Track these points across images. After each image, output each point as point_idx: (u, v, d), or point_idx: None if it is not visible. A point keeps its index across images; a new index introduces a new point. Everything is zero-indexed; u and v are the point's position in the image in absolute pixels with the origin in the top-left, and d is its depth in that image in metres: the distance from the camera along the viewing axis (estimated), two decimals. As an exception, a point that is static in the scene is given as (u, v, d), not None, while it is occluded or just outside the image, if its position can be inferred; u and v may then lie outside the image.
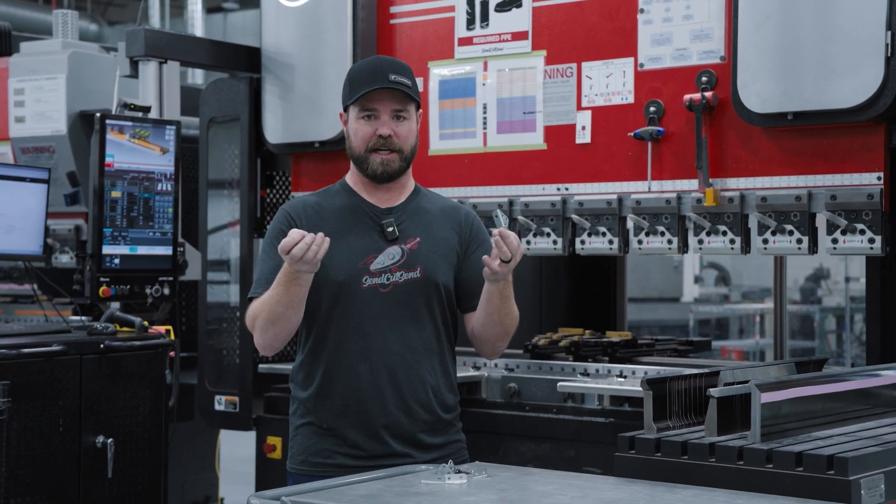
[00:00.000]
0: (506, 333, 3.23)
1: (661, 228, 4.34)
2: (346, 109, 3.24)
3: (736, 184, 4.17)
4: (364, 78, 3.16)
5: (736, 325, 16.55)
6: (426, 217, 3.28)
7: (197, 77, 16.75)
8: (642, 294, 15.02)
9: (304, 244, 2.88)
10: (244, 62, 5.23)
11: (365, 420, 3.13)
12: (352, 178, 3.32)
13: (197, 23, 17.39)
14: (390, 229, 3.19)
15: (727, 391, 2.89)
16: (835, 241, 3.96)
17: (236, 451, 7.20)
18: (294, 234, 2.89)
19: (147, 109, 4.81)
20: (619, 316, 5.95)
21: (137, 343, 4.29)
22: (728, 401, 2.87)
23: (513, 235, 2.98)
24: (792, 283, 18.78)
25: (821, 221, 4.07)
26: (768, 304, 15.07)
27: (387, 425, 3.14)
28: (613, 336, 4.93)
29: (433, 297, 3.21)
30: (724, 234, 4.21)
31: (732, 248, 4.20)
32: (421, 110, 3.31)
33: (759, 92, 4.00)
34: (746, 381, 3.03)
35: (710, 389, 2.86)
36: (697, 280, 17.39)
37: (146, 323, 4.47)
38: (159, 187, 4.85)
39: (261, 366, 5.18)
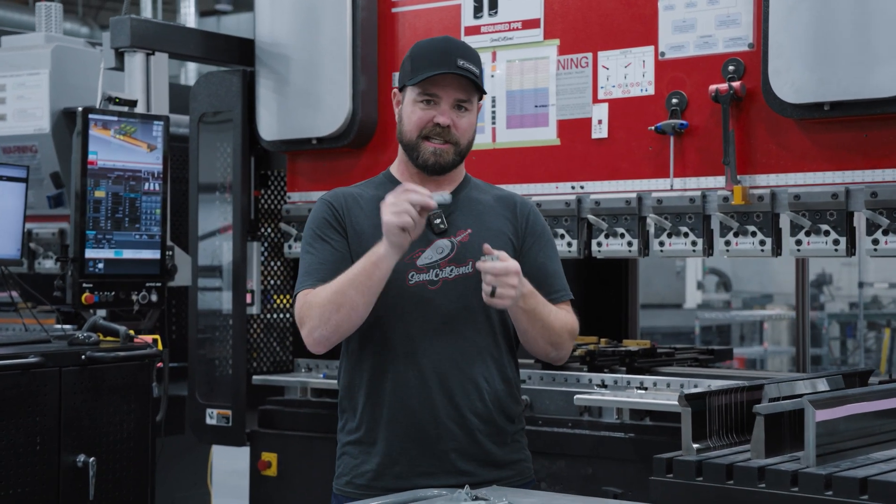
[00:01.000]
0: (553, 346, 2.95)
1: (684, 229, 4.06)
2: (401, 89, 2.94)
3: (766, 180, 3.90)
4: (430, 59, 2.87)
5: (746, 332, 16.27)
6: (478, 207, 3.00)
7: (190, 76, 16.48)
8: (644, 300, 14.74)
9: (420, 196, 2.69)
10: (237, 54, 4.96)
11: (415, 433, 2.84)
12: (398, 168, 3.03)
13: (190, 26, 17.12)
14: (438, 220, 2.90)
15: (775, 407, 2.60)
16: (875, 241, 3.67)
17: (230, 463, 6.90)
18: (417, 186, 2.72)
19: (133, 104, 4.53)
20: (631, 323, 5.67)
21: (122, 354, 3.98)
22: (776, 418, 2.58)
23: (495, 266, 2.71)
24: (792, 290, 18.52)
25: (859, 221, 3.78)
26: (776, 311, 14.79)
27: (441, 438, 2.84)
28: (631, 345, 4.64)
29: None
30: (754, 234, 3.92)
31: (763, 251, 3.91)
32: (483, 101, 3.01)
33: (792, 81, 3.71)
34: (793, 396, 2.74)
35: (757, 406, 2.57)
36: (700, 286, 17.12)
37: (132, 332, 4.17)
38: (146, 187, 4.56)
39: (255, 377, 4.92)
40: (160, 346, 4.27)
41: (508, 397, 2.95)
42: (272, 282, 5.16)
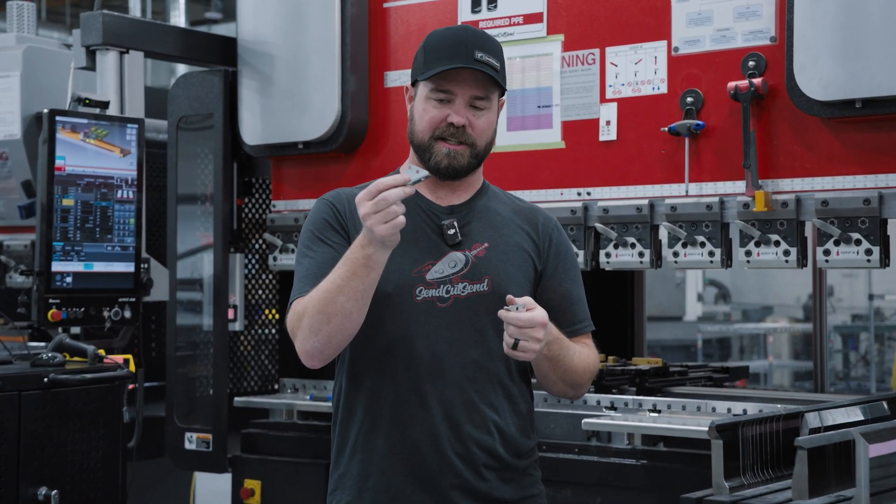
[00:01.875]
0: (573, 387, 2.68)
1: (700, 238, 3.76)
2: (413, 83, 2.65)
3: (791, 185, 3.62)
4: (444, 50, 2.57)
5: (746, 344, 15.97)
6: (496, 219, 2.70)
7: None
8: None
9: (400, 190, 2.36)
10: (218, 53, 4.68)
11: (416, 466, 2.55)
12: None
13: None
14: (452, 231, 2.60)
15: (819, 440, 2.28)
16: (912, 251, 3.35)
17: (214, 483, 6.55)
18: (388, 178, 2.38)
19: (105, 105, 4.22)
20: (637, 338, 5.36)
21: (89, 376, 3.67)
22: (820, 452, 2.26)
23: (520, 318, 2.41)
24: (793, 301, 18.26)
25: (894, 229, 3.46)
26: (781, 323, 14.48)
27: (442, 472, 2.54)
28: (641, 363, 4.34)
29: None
30: (777, 244, 3.62)
31: (787, 262, 3.62)
32: (504, 98, 2.71)
33: (820, 76, 3.41)
34: (838, 426, 2.43)
35: (799, 439, 2.26)
36: (700, 298, 16.83)
37: (101, 352, 3.85)
38: (119, 195, 4.26)
39: (237, 399, 4.63)
40: (132, 367, 3.95)
41: (520, 432, 2.64)
42: (256, 296, 4.86)
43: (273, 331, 4.92)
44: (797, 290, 17.31)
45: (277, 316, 4.95)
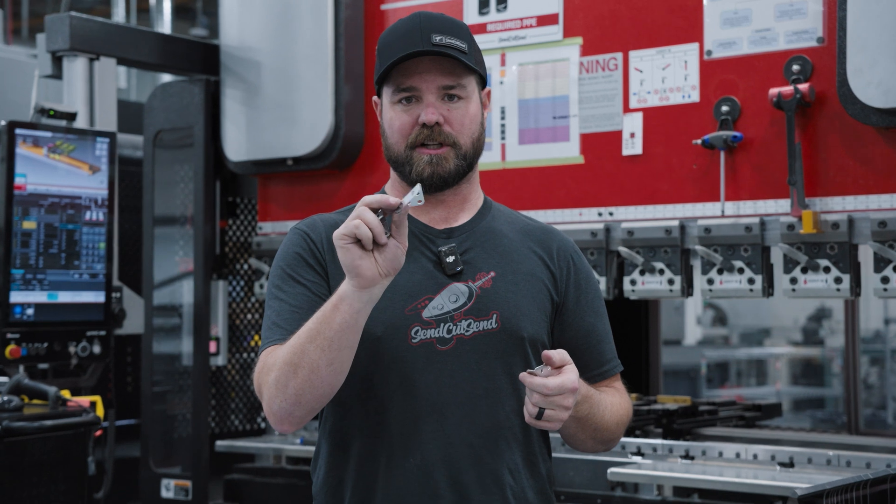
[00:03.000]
0: (604, 443, 2.28)
1: (738, 264, 3.36)
2: (378, 93, 2.27)
3: (842, 204, 3.24)
4: (396, 44, 2.18)
5: (744, 369, 15.59)
6: (502, 242, 2.29)
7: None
8: (640, 337, 14.03)
9: (377, 202, 1.97)
10: (199, 61, 4.32)
11: None
12: (392, 190, 2.33)
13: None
14: (451, 259, 2.19)
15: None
16: None
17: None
18: (382, 197, 1.97)
19: (72, 117, 3.82)
20: (653, 369, 4.98)
21: (49, 423, 3.24)
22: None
23: (547, 385, 2.00)
24: (791, 323, 17.88)
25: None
26: (786, 348, 14.09)
27: None
28: (667, 401, 3.93)
29: (517, 359, 2.21)
30: (827, 270, 3.22)
31: (838, 290, 3.23)
32: (488, 87, 2.32)
33: (878, 80, 3.04)
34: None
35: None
36: (699, 321, 16.44)
37: (65, 393, 3.43)
38: (88, 216, 3.86)
39: (219, 443, 4.22)
40: (100, 410, 3.51)
41: (540, 496, 2.22)
42: (244, 320, 4.43)
43: (259, 365, 4.50)
44: (795, 312, 16.93)
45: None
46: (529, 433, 2.22)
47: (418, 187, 1.97)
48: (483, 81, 2.26)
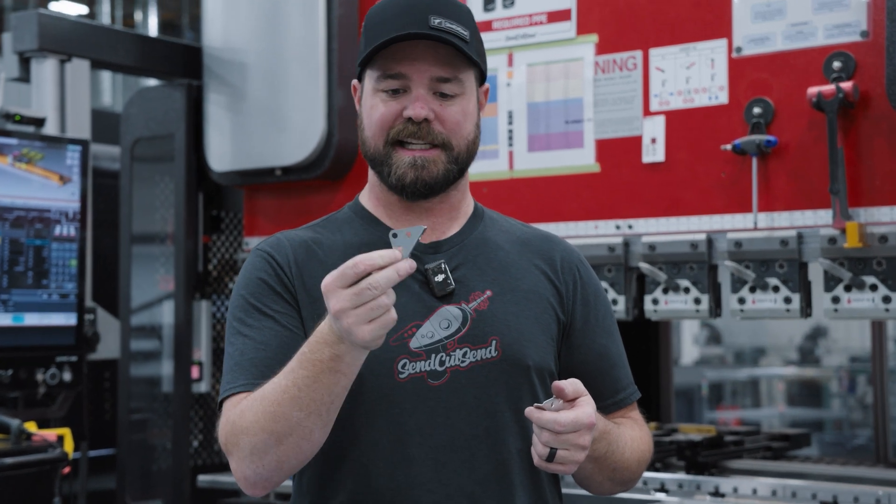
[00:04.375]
0: (623, 484, 1.99)
1: (773, 281, 3.07)
2: (360, 77, 1.95)
3: (890, 215, 2.96)
4: (388, 22, 1.87)
5: (739, 389, 15.33)
6: (498, 255, 1.99)
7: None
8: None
9: (393, 272, 1.62)
10: (180, 64, 4.04)
11: None
12: (371, 196, 2.03)
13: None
14: (441, 277, 1.89)
15: None
16: None
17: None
18: (375, 254, 1.64)
19: (40, 123, 3.50)
20: (664, 392, 4.69)
21: (10, 461, 2.91)
22: None
23: (559, 421, 1.72)
24: (786, 342, 17.64)
25: None
26: (789, 369, 13.81)
27: None
28: (690, 431, 3.62)
29: (522, 392, 1.91)
30: (874, 289, 2.92)
31: (888, 310, 2.92)
32: (487, 85, 2.02)
33: (932, 77, 2.72)
34: None
35: None
36: (696, 340, 16.18)
37: (31, 426, 3.10)
38: (58, 231, 3.56)
39: (201, 478, 3.91)
40: (69, 445, 3.18)
41: None
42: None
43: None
44: (790, 331, 16.69)
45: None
46: (538, 477, 1.92)
47: (418, 231, 1.67)
48: (483, 77, 1.96)
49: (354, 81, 1.96)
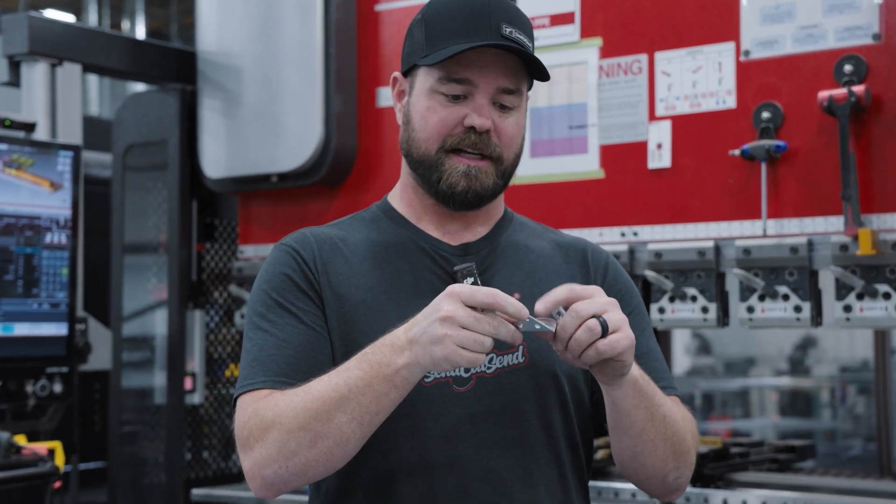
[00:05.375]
0: (677, 456, 1.82)
1: (783, 290, 3.00)
2: (406, 73, 1.88)
3: None
4: (457, 23, 1.80)
5: (729, 400, 15.28)
6: (528, 259, 1.93)
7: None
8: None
9: (511, 330, 1.62)
10: (174, 69, 3.95)
11: None
12: (402, 196, 1.96)
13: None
14: (469, 281, 1.78)
15: None
16: None
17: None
18: (511, 300, 1.61)
19: (31, 128, 3.42)
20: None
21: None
22: None
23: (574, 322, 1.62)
24: (776, 352, 17.59)
25: None
26: (783, 379, 13.77)
27: None
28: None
29: (550, 400, 1.84)
30: (887, 297, 2.85)
31: (901, 319, 2.82)
32: (529, 94, 1.95)
33: (948, 80, 2.65)
34: None
35: None
36: (687, 350, 16.12)
37: (20, 439, 3.00)
38: (49, 239, 3.48)
39: (195, 492, 3.81)
40: (59, 459, 3.09)
41: None
42: (219, 361, 4.06)
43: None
44: (780, 341, 16.64)
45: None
46: (567, 487, 1.84)
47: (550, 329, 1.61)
48: (530, 86, 1.89)
49: (396, 74, 1.89)
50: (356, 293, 1.80)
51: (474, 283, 1.79)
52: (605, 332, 1.59)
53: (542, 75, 1.81)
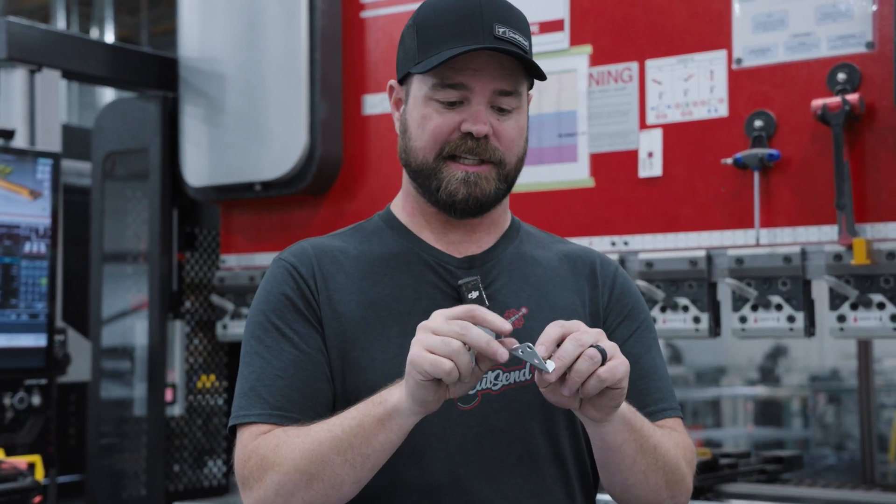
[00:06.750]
0: (670, 486, 1.76)
1: (776, 300, 2.97)
2: (402, 80, 1.83)
3: None
4: (449, 27, 1.75)
5: (700, 409, 15.30)
6: (535, 271, 1.88)
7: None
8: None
9: (487, 338, 1.58)
10: (154, 75, 3.87)
11: None
12: (405, 205, 1.91)
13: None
14: (474, 295, 1.76)
15: None
16: None
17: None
18: (492, 315, 1.57)
19: (9, 135, 3.33)
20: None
21: (-22, 489, 2.74)
22: None
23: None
24: (746, 362, 17.66)
25: None
26: (759, 388, 13.81)
27: None
28: (685, 454, 3.48)
29: (557, 417, 1.79)
30: (881, 307, 2.83)
31: (896, 329, 2.80)
32: (532, 93, 1.90)
33: (943, 89, 2.64)
34: None
35: None
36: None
37: (-1, 452, 2.93)
38: (28, 248, 3.40)
39: (176, 505, 3.69)
40: (39, 473, 3.02)
41: None
42: (201, 371, 3.96)
43: (220, 401, 4.03)
44: (750, 350, 16.71)
45: (225, 383, 4.06)
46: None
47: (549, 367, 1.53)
48: (530, 86, 1.84)
49: (392, 82, 1.84)
50: (356, 310, 1.75)
51: (479, 297, 1.75)
52: (603, 359, 1.54)
53: (539, 75, 1.77)
